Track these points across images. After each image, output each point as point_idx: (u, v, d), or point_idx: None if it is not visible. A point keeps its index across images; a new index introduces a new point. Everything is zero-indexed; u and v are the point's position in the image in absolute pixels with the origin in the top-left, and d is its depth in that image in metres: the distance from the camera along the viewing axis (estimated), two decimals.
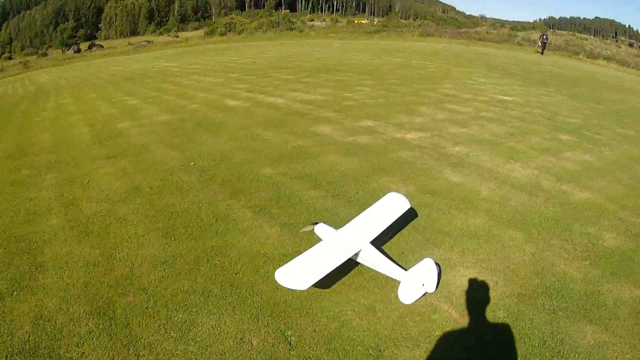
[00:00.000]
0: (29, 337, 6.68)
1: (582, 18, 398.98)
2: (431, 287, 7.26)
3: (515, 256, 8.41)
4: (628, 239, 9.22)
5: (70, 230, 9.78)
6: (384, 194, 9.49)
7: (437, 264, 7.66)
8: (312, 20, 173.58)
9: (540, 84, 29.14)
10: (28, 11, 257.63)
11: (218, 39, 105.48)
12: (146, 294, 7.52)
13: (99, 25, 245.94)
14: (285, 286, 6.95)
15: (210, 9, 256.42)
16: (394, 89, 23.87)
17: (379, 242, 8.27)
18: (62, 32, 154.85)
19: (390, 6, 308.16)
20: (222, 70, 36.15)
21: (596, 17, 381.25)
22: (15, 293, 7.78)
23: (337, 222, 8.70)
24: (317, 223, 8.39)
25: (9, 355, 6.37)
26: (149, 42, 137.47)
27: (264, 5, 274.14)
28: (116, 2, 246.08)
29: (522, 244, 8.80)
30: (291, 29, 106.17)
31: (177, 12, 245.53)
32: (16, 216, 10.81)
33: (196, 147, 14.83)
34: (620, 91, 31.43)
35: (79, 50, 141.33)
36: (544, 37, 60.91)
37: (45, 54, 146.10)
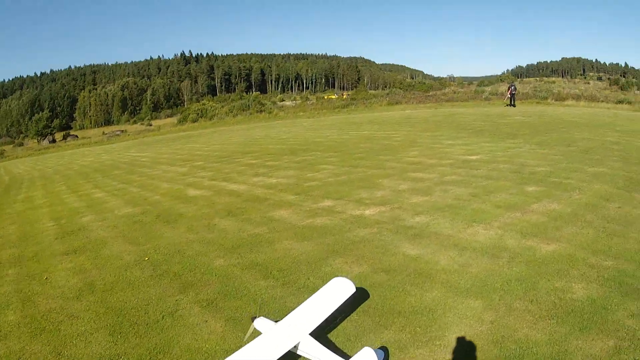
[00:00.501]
0: None
1: (548, 62, 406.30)
2: None
3: (472, 327, 7.81)
4: (600, 285, 8.72)
5: (25, 327, 9.72)
6: (334, 276, 9.11)
7: (382, 349, 7.22)
8: (283, 100, 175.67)
9: (509, 137, 28.97)
10: (4, 99, 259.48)
11: (190, 125, 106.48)
12: None
13: (74, 114, 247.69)
14: None
15: (182, 96, 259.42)
16: (357, 164, 23.58)
17: (324, 331, 7.87)
18: (37, 122, 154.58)
19: (358, 79, 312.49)
20: (189, 158, 36.23)
21: (563, 58, 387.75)
22: None
23: (284, 312, 8.29)
24: (255, 318, 7.94)
25: None
26: (122, 131, 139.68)
27: (234, 89, 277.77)
28: (90, 92, 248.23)
29: (481, 312, 8.21)
30: (261, 111, 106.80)
31: (150, 100, 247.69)
32: None
33: (153, 241, 14.54)
34: (590, 128, 31.77)
35: (54, 141, 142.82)
36: (512, 88, 60.52)
37: (22, 144, 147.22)
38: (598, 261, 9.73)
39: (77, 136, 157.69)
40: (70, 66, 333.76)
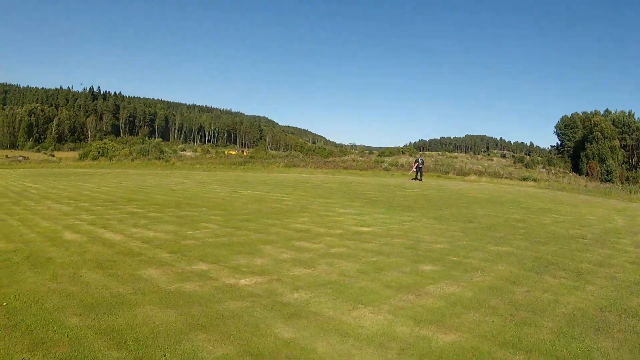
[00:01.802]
0: None
1: (452, 137, 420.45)
2: None
3: None
4: None
5: None
6: (195, 357, 8.21)
7: None
8: (184, 150, 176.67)
9: (405, 209, 28.28)
10: None
11: (89, 162, 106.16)
12: None
13: None
14: None
15: (87, 132, 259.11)
16: (241, 226, 22.07)
17: None
18: None
19: (260, 137, 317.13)
20: (76, 197, 34.25)
21: (467, 135, 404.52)
22: None
23: None
24: None
25: None
26: (25, 157, 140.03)
27: (138, 132, 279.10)
28: None
29: None
30: (159, 158, 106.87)
31: (55, 130, 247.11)
32: None
33: (15, 285, 12.79)
34: (493, 205, 31.83)
35: None
36: (419, 161, 59.19)
37: None
38: (507, 355, 8.41)
39: None
40: None
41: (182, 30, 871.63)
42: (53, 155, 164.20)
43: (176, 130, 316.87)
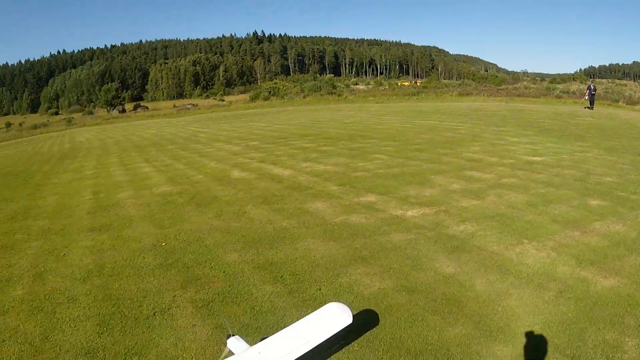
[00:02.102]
0: None
1: (620, 64, 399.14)
2: None
3: None
4: None
5: (27, 304, 9.45)
6: (351, 291, 8.31)
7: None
8: (357, 84, 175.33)
9: (577, 139, 27.11)
10: (74, 70, 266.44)
11: (260, 103, 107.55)
12: None
13: (146, 87, 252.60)
14: None
15: (255, 74, 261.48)
16: (413, 156, 21.99)
17: None
18: (106, 92, 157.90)
19: (432, 67, 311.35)
20: (246, 137, 35.49)
21: (634, 62, 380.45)
22: None
23: (280, 327, 6.97)
24: (230, 336, 6.78)
25: None
26: (194, 105, 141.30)
27: (308, 70, 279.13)
28: (161, 66, 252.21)
29: None
30: (332, 93, 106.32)
31: (222, 76, 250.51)
32: None
33: (177, 225, 13.64)
34: None
35: (123, 111, 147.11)
36: (592, 88, 55.22)
37: (91, 113, 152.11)
38: None
39: (147, 107, 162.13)
40: (141, 40, 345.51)
41: None
42: (223, 100, 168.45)
43: (347, 65, 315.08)
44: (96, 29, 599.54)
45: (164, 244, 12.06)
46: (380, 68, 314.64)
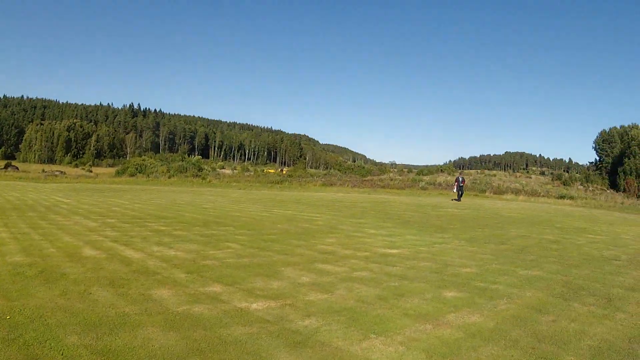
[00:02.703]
0: None
1: (492, 155, 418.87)
2: None
3: None
4: None
5: None
6: None
7: None
8: (223, 168, 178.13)
9: (437, 230, 27.76)
10: None
11: (126, 178, 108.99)
12: None
13: (19, 146, 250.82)
14: None
15: (126, 148, 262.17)
16: (266, 247, 21.61)
17: None
18: None
19: (300, 156, 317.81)
20: (105, 213, 34.47)
21: (506, 152, 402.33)
22: None
23: None
24: None
25: None
26: (62, 172, 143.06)
27: (177, 150, 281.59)
28: (37, 126, 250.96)
29: None
30: (197, 176, 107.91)
31: (94, 146, 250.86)
32: None
33: (23, 298, 12.71)
34: (527, 225, 31.37)
35: None
36: (459, 180, 57.57)
37: None
38: None
39: (17, 168, 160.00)
40: (22, 96, 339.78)
41: (220, 48, 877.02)
42: (91, 171, 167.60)
43: (216, 148, 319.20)
44: None
45: (8, 317, 11.22)
46: (248, 153, 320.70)
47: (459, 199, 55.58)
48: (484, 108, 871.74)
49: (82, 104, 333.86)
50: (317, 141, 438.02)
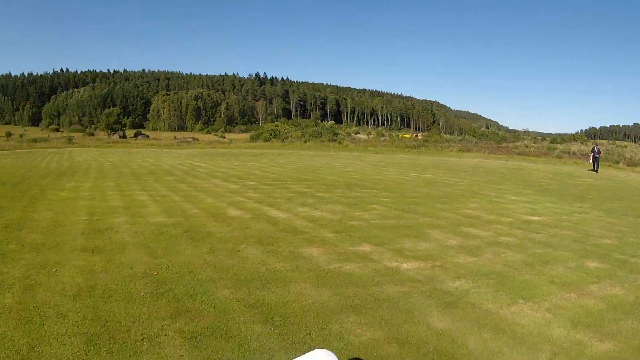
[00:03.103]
0: None
1: (621, 125, 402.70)
2: None
3: None
4: None
5: (16, 313, 9.17)
6: (341, 339, 8.13)
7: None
8: (357, 133, 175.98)
9: (576, 199, 27.16)
10: (76, 89, 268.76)
11: (261, 144, 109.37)
12: None
13: (147, 115, 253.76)
14: None
15: (257, 115, 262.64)
16: (410, 209, 21.75)
17: None
18: (107, 116, 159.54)
19: (433, 121, 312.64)
20: (244, 177, 35.49)
21: (635, 124, 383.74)
22: None
23: None
24: None
25: None
26: (194, 139, 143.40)
27: (309, 116, 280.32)
28: (163, 97, 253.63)
29: None
30: (332, 140, 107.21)
31: (224, 114, 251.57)
32: None
33: (170, 256, 13.48)
34: None
35: (124, 136, 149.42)
36: (595, 151, 55.17)
37: (92, 134, 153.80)
38: None
39: (148, 136, 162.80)
40: (144, 69, 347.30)
41: (347, 18, 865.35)
42: (224, 137, 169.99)
43: (348, 114, 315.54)
44: (100, 52, 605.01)
45: (155, 273, 11.96)
46: (381, 119, 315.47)
47: (595, 170, 52.99)
48: (616, 74, 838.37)
49: (207, 75, 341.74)
50: (449, 107, 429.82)
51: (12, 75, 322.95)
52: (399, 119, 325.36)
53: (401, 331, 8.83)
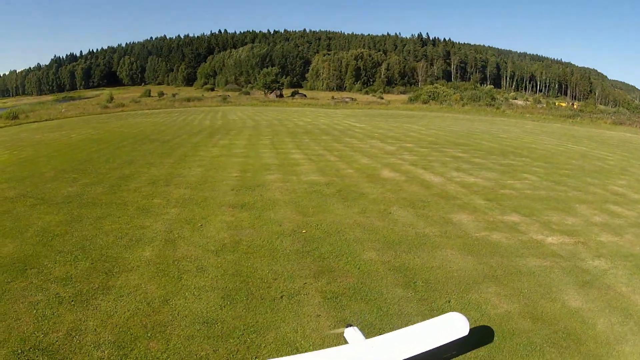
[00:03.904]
0: None
1: None
2: None
3: None
4: None
5: (153, 266, 10.10)
6: (479, 309, 8.43)
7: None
8: (515, 98, 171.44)
9: None
10: (234, 50, 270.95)
11: (419, 105, 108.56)
12: (168, 344, 7.35)
13: (305, 75, 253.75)
14: None
15: (417, 76, 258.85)
16: (561, 181, 21.29)
17: None
18: (265, 75, 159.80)
19: (590, 91, 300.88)
20: (401, 138, 35.49)
21: None
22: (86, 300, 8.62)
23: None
24: (350, 326, 7.19)
25: None
26: (352, 99, 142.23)
27: (469, 78, 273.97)
28: (324, 57, 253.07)
29: None
30: (490, 105, 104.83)
31: (384, 74, 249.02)
32: (120, 239, 11.89)
33: (320, 215, 14.05)
34: None
35: (281, 96, 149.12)
36: None
37: (248, 93, 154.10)
38: None
39: (305, 95, 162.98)
40: (305, 29, 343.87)
41: None
42: (382, 98, 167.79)
43: (508, 78, 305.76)
44: (259, 12, 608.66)
45: (304, 231, 12.39)
46: (539, 85, 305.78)
47: None
48: None
49: (369, 34, 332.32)
50: (606, 76, 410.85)
51: (167, 37, 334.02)
52: (556, 85, 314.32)
53: (537, 306, 8.89)
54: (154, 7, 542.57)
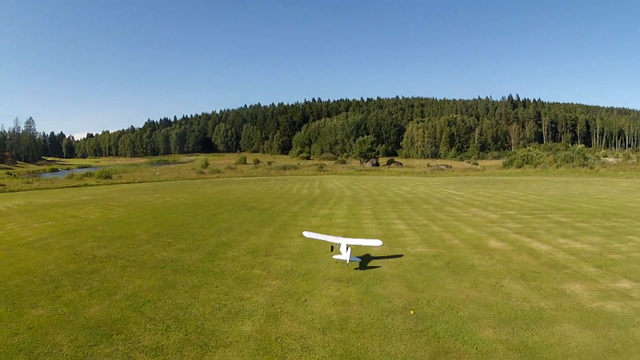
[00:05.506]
0: None
1: None
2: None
3: None
4: None
5: (254, 342, 9.70)
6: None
7: None
8: (606, 156, 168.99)
9: None
10: (328, 118, 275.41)
11: (514, 170, 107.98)
12: None
13: (400, 142, 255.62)
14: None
15: (510, 139, 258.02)
16: None
17: None
18: (361, 144, 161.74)
19: None
20: (502, 205, 34.28)
21: None
22: None
23: None
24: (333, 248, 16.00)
25: None
26: (447, 166, 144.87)
27: (560, 139, 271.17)
28: (418, 124, 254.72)
29: None
30: (583, 165, 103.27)
31: (477, 139, 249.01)
32: (217, 310, 11.61)
33: (431, 290, 13.27)
34: None
35: (377, 164, 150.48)
36: None
37: (344, 162, 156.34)
38: None
39: (401, 164, 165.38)
40: (397, 96, 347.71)
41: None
42: (477, 164, 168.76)
43: (597, 135, 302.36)
44: (352, 82, 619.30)
45: (412, 312, 11.61)
46: (628, 139, 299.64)
47: None
48: None
49: (460, 99, 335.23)
50: None
51: (262, 105, 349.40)
52: None
53: None
54: (248, 75, 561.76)
